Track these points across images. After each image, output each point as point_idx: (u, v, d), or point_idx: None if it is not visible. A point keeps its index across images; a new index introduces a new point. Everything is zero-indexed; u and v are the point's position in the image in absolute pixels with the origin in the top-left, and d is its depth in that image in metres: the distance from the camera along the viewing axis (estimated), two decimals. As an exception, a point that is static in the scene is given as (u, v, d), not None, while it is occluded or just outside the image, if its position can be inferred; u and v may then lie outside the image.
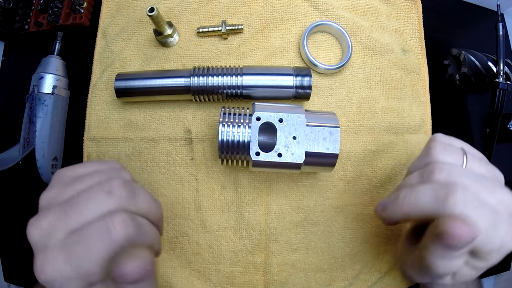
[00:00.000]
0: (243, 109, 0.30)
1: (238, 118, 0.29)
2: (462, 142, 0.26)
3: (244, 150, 0.28)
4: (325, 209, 0.35)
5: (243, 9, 0.37)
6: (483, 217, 0.21)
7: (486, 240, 0.21)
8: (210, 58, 0.36)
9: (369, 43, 0.37)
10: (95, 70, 0.37)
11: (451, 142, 0.26)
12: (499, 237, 0.21)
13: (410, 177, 0.25)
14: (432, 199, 0.22)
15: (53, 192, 0.22)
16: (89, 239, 0.19)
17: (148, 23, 0.36)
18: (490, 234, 0.21)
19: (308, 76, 0.33)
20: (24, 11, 0.38)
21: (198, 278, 0.34)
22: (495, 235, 0.21)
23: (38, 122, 0.34)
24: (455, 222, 0.20)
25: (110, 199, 0.21)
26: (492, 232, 0.21)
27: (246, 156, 0.28)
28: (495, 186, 0.23)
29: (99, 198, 0.21)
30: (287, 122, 0.28)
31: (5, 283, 0.38)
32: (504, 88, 0.37)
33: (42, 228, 0.20)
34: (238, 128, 0.28)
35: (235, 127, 0.28)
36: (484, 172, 0.24)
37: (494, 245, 0.21)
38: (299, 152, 0.28)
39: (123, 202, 0.22)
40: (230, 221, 0.34)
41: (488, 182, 0.23)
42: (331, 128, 0.28)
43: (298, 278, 0.34)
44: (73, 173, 0.24)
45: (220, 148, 0.28)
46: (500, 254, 0.22)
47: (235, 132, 0.28)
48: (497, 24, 0.38)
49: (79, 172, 0.24)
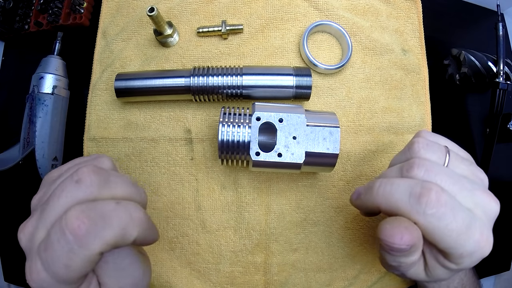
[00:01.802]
0: (243, 109, 0.30)
1: (238, 118, 0.29)
2: (447, 141, 0.26)
3: (244, 150, 0.28)
4: (325, 209, 0.35)
5: (243, 9, 0.37)
6: (456, 219, 0.20)
7: (457, 243, 0.20)
8: (210, 58, 0.36)
9: (369, 43, 0.37)
10: (95, 70, 0.37)
11: (435, 140, 0.25)
12: (472, 241, 0.20)
13: (390, 170, 0.25)
14: (406, 194, 0.21)
15: (39, 194, 0.22)
16: (52, 242, 0.18)
17: (148, 23, 0.36)
18: (462, 238, 0.20)
19: (308, 76, 0.33)
20: (24, 11, 0.38)
21: (198, 278, 0.34)
22: (467, 239, 0.20)
23: (38, 122, 0.34)
24: (393, 230, 0.20)
25: (79, 189, 0.19)
26: (465, 236, 0.20)
27: (246, 156, 0.28)
28: (476, 188, 0.22)
29: (68, 190, 0.19)
30: (287, 122, 0.28)
31: (5, 283, 0.38)
32: (504, 88, 0.37)
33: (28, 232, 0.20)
34: (238, 128, 0.28)
35: (235, 127, 0.28)
36: (467, 173, 0.23)
37: (467, 249, 0.21)
38: (299, 152, 0.28)
39: (95, 190, 0.20)
40: (230, 221, 0.34)
41: (469, 184, 0.22)
42: (331, 128, 0.28)
43: (298, 278, 0.34)
44: (58, 172, 0.23)
45: (220, 148, 0.28)
46: (473, 259, 0.21)
47: (235, 132, 0.28)
48: (497, 24, 0.38)
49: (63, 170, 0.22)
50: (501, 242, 0.40)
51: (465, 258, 0.21)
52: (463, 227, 0.20)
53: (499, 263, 0.41)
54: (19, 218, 0.38)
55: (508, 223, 0.41)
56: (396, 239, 0.20)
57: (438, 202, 0.20)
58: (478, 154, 0.41)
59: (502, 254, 0.41)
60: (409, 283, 0.36)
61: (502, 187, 0.41)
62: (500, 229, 0.41)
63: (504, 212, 0.41)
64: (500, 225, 0.41)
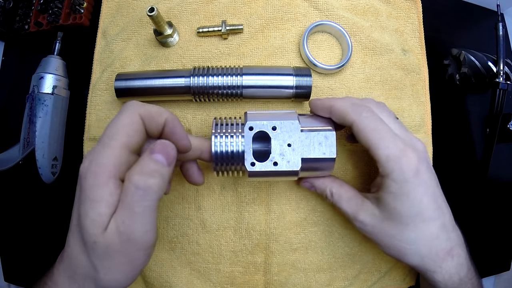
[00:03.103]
0: (235, 118, 0.29)
1: (231, 129, 0.28)
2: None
3: (239, 160, 0.27)
4: (325, 209, 0.35)
5: (243, 9, 0.37)
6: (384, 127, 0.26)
7: (383, 143, 0.25)
8: (210, 58, 0.36)
9: (369, 43, 0.37)
10: (95, 70, 0.37)
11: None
12: (396, 147, 0.25)
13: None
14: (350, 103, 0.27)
15: None
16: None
17: (148, 23, 0.36)
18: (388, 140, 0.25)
19: (308, 76, 0.33)
20: (24, 11, 0.38)
21: (198, 278, 0.34)
22: (392, 142, 0.25)
23: (38, 122, 0.34)
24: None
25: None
26: (390, 140, 0.25)
27: (241, 167, 0.28)
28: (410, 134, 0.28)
29: None
30: (280, 129, 0.27)
31: (5, 283, 0.38)
32: (504, 88, 0.37)
33: None
34: (231, 139, 0.27)
35: (228, 138, 0.27)
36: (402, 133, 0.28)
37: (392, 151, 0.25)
38: (295, 159, 0.27)
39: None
40: (230, 221, 0.34)
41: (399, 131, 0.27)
42: (326, 132, 0.28)
43: (298, 278, 0.34)
44: None
45: (215, 160, 0.27)
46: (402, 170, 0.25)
47: (229, 142, 0.27)
48: (497, 24, 0.38)
49: None
50: (501, 242, 0.41)
51: (392, 163, 0.25)
52: (388, 134, 0.25)
53: (499, 263, 0.41)
54: (19, 218, 0.38)
55: (508, 223, 0.41)
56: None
57: (371, 111, 0.26)
58: (478, 154, 0.41)
59: (502, 254, 0.41)
60: (409, 283, 0.36)
61: (502, 187, 0.41)
62: (500, 229, 0.41)
63: (504, 212, 0.42)
64: (500, 225, 0.41)
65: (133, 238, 0.22)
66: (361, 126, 0.26)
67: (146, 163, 0.22)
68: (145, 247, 0.23)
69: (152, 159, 0.23)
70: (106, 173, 0.22)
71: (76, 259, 0.22)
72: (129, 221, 0.21)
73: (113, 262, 0.22)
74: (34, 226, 0.38)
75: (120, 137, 0.23)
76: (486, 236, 0.40)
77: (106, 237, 0.21)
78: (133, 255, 0.22)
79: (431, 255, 0.26)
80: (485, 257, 0.40)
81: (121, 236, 0.21)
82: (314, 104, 0.30)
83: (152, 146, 0.23)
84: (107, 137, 0.23)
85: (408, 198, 0.25)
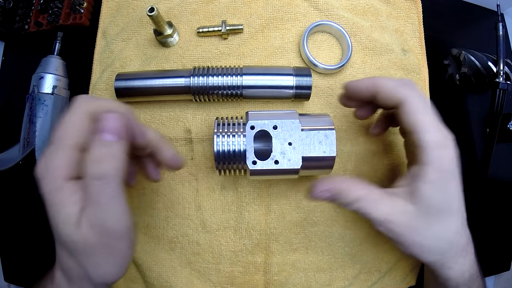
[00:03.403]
0: (236, 118, 0.30)
1: (233, 128, 0.29)
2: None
3: (241, 159, 0.28)
4: (325, 209, 0.35)
5: (243, 9, 0.37)
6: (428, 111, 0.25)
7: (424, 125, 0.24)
8: (210, 58, 0.36)
9: (369, 43, 0.37)
10: (95, 70, 0.37)
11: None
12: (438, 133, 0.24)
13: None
14: (394, 80, 0.26)
15: None
16: None
17: (148, 23, 0.36)
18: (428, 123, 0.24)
19: (308, 76, 0.33)
20: (24, 11, 0.38)
21: (198, 278, 0.34)
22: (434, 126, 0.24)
23: (38, 122, 0.34)
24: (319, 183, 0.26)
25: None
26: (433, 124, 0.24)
27: (243, 165, 0.28)
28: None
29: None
30: (281, 128, 0.28)
31: (5, 283, 0.38)
32: (504, 88, 0.37)
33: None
34: (233, 138, 0.28)
35: (229, 137, 0.28)
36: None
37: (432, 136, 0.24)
38: (296, 158, 0.28)
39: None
40: (230, 221, 0.34)
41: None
42: (326, 130, 0.28)
43: (298, 278, 0.34)
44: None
45: (217, 159, 0.28)
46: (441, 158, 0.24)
47: (230, 142, 0.28)
48: (497, 24, 0.38)
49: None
50: (501, 242, 0.41)
51: (437, 151, 0.24)
52: (435, 120, 0.25)
53: (499, 263, 0.41)
54: (19, 218, 0.38)
55: (508, 223, 0.41)
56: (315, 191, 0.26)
57: (420, 92, 0.26)
58: (478, 154, 0.41)
59: (502, 254, 0.41)
60: (409, 283, 0.36)
61: (502, 187, 0.41)
62: (500, 229, 0.41)
63: (504, 212, 0.41)
64: (500, 225, 0.41)
65: (107, 229, 0.21)
66: (412, 107, 0.24)
67: (94, 148, 0.21)
68: (122, 235, 0.22)
69: (100, 142, 0.21)
70: (61, 176, 0.21)
71: (65, 263, 0.22)
72: (99, 213, 0.21)
73: (97, 257, 0.22)
74: (34, 226, 0.38)
75: (69, 136, 0.22)
76: (486, 236, 0.40)
77: (81, 234, 0.21)
78: (114, 245, 0.22)
79: (451, 251, 0.26)
80: (485, 257, 0.40)
81: (94, 229, 0.21)
82: (353, 85, 0.28)
83: (96, 126, 0.22)
84: (56, 138, 0.22)
85: (445, 188, 0.24)
